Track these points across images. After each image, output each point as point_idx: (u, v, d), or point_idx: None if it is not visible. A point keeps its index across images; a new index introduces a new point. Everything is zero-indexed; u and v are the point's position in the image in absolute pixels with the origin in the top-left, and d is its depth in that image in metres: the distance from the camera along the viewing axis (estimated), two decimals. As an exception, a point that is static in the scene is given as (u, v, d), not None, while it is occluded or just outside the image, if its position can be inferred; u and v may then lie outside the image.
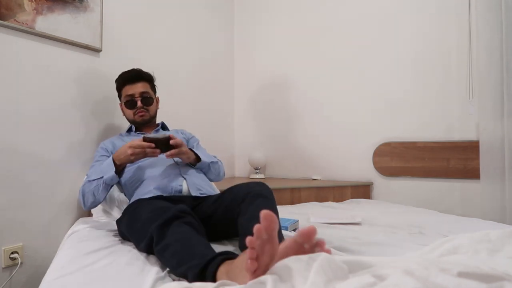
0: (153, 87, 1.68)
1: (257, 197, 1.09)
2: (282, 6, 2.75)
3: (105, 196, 1.40)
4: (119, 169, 1.35)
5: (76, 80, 1.69)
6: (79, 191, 1.41)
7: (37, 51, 1.53)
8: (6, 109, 1.43)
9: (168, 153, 1.32)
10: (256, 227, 0.62)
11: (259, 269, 0.63)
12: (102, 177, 1.33)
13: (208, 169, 1.55)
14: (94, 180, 1.34)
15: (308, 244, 0.64)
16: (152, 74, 1.67)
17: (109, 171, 1.32)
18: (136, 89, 1.58)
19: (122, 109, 1.66)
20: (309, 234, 0.63)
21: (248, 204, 1.07)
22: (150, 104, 1.62)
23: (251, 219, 1.00)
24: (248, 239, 0.61)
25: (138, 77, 1.60)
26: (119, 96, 1.66)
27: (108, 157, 1.47)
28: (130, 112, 1.61)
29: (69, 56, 1.66)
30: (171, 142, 1.31)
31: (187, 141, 1.71)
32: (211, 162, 1.56)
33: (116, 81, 1.64)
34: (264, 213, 0.62)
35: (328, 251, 0.65)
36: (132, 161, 1.34)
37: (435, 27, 2.20)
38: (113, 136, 1.67)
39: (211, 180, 1.59)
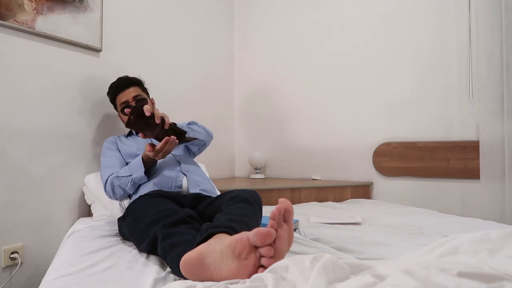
0: (144, 90, 1.68)
1: (241, 201, 1.09)
2: (281, 7, 2.75)
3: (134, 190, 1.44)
4: (148, 167, 1.38)
5: (76, 80, 1.69)
6: (106, 183, 1.43)
7: (37, 51, 1.53)
8: (6, 109, 1.43)
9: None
10: (271, 211, 0.70)
11: (276, 254, 0.70)
12: (131, 175, 1.37)
13: (194, 136, 1.46)
14: (123, 176, 1.39)
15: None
16: (139, 77, 1.68)
17: (138, 170, 1.36)
18: (129, 94, 1.60)
19: (121, 118, 1.67)
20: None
21: (229, 205, 1.08)
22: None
23: (224, 214, 1.00)
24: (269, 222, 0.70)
25: (128, 83, 1.62)
26: (115, 107, 1.67)
27: (118, 150, 1.55)
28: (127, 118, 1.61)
29: (69, 56, 1.66)
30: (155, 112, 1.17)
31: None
32: (188, 124, 1.54)
33: (108, 93, 1.66)
34: (281, 199, 0.72)
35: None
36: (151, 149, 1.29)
37: (435, 27, 2.20)
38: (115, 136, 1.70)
39: (205, 143, 1.62)
